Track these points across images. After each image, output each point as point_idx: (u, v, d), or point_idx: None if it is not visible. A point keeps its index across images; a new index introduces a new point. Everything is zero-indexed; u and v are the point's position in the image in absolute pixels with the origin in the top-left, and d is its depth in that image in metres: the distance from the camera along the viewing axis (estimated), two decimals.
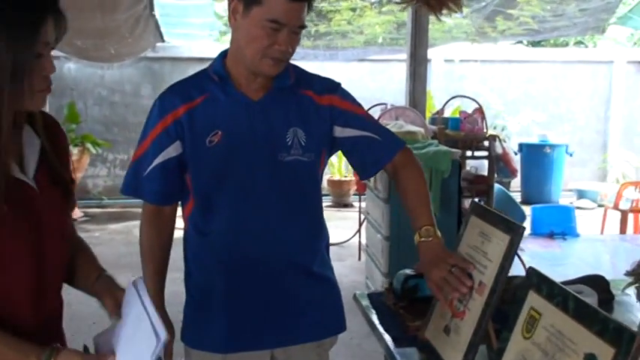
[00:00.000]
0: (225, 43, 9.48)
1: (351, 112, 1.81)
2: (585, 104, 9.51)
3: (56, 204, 1.32)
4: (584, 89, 9.49)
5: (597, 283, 2.02)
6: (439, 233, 1.69)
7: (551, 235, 6.19)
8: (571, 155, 8.47)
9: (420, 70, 5.54)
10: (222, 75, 1.73)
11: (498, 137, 5.14)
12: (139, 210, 1.84)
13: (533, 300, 1.30)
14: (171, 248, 1.85)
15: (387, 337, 1.74)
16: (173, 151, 1.72)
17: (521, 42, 10.21)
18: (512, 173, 5.19)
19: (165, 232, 1.81)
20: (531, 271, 1.34)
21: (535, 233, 6.32)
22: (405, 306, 1.95)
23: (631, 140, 9.63)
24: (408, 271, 2.09)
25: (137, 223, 1.87)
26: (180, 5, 7.00)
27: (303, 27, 1.65)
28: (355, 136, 1.80)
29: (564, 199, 8.49)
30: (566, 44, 11.59)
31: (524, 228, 1.45)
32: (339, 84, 1.85)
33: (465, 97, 5.69)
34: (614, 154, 9.50)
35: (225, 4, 1.73)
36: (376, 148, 1.81)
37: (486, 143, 5.01)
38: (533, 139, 8.58)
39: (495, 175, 5.00)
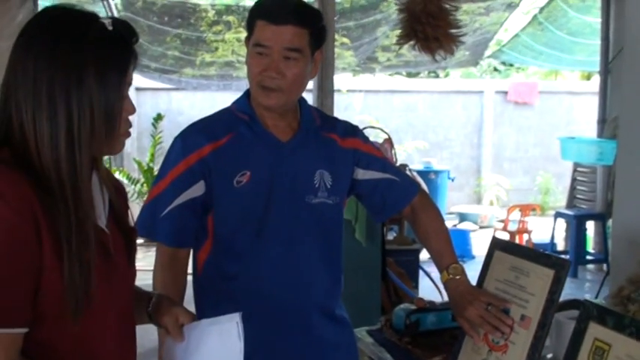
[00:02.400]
0: None
1: (372, 155, 1.83)
2: (460, 132, 10.10)
3: (123, 251, 1.26)
4: (458, 118, 10.08)
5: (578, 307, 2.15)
6: (465, 271, 1.73)
7: None
8: (452, 180, 8.93)
9: (327, 101, 5.64)
10: (250, 114, 1.70)
11: (407, 166, 5.33)
12: None
13: (597, 331, 1.37)
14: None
15: None
16: (196, 191, 1.66)
17: (399, 73, 10.69)
18: None
19: (181, 277, 1.72)
20: (589, 304, 1.42)
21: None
22: (410, 341, 1.99)
23: (501, 165, 10.33)
24: (403, 307, 2.13)
25: None
26: None
27: (297, 50, 1.62)
28: (376, 179, 1.82)
29: (447, 222, 8.88)
30: (437, 75, 12.29)
31: (569, 262, 1.53)
32: (358, 127, 1.87)
33: (374, 127, 5.86)
34: (487, 178, 10.13)
35: None
36: (396, 190, 1.84)
37: None
38: (418, 166, 8.97)
39: None
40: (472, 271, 1.77)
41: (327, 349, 1.77)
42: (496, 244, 1.72)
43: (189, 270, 1.76)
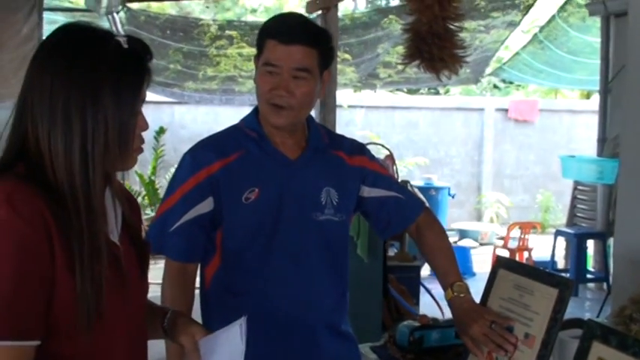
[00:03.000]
0: None
1: (378, 172, 1.85)
2: (461, 149, 10.14)
3: (136, 265, 1.27)
4: (459, 135, 10.12)
5: (582, 325, 2.16)
6: (470, 289, 1.74)
7: None
8: (453, 197, 8.95)
9: (330, 117, 5.67)
10: (258, 131, 1.72)
11: (409, 182, 5.34)
12: None
13: (600, 351, 1.38)
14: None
15: None
16: (205, 207, 1.67)
17: (400, 89, 10.75)
18: None
19: (189, 291, 1.73)
20: (592, 323, 1.43)
21: (435, 274, 6.56)
22: (414, 358, 1.99)
23: (501, 182, 10.36)
24: (406, 323, 2.14)
25: None
26: None
27: (306, 70, 1.64)
28: (382, 197, 1.84)
29: None
30: (437, 92, 12.36)
31: (574, 282, 1.54)
32: (365, 145, 1.89)
33: (376, 144, 5.88)
34: (488, 195, 10.16)
35: None
36: (402, 208, 1.85)
37: None
38: (419, 182, 8.99)
39: None
40: (472, 288, 1.78)
41: None
42: (500, 263, 1.74)
43: (197, 284, 1.77)
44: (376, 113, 9.70)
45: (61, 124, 1.11)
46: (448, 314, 1.78)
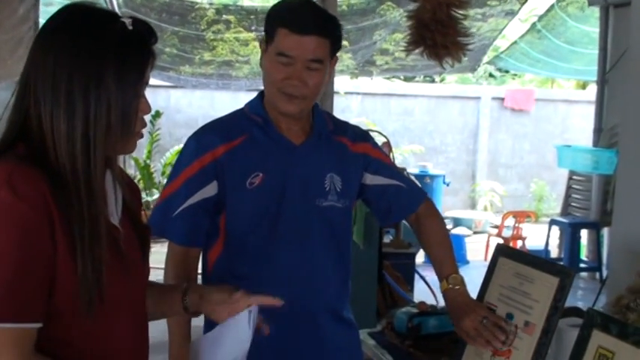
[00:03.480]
0: None
1: (381, 160, 1.85)
2: (457, 137, 10.15)
3: (137, 248, 1.27)
4: (455, 123, 10.12)
5: (580, 314, 2.18)
6: (465, 281, 1.75)
7: None
8: (447, 185, 8.97)
9: (327, 104, 5.65)
10: (263, 116, 1.71)
11: (405, 170, 5.35)
12: None
13: (600, 339, 1.39)
14: None
15: None
16: (209, 191, 1.66)
17: (397, 77, 10.73)
18: None
19: (193, 275, 1.73)
20: (593, 312, 1.44)
21: (429, 261, 6.59)
22: (412, 344, 2.00)
23: (496, 171, 10.38)
24: (404, 310, 2.15)
25: None
26: None
27: (319, 61, 1.64)
28: (384, 184, 1.84)
29: None
30: (433, 80, 12.34)
31: (575, 271, 1.55)
32: (368, 132, 1.89)
33: (373, 130, 5.88)
34: (482, 183, 10.18)
35: None
36: (403, 196, 1.86)
37: None
38: (414, 170, 9.00)
39: None
40: (466, 276, 1.79)
41: (335, 351, 1.78)
42: (501, 251, 1.74)
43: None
44: (372, 100, 9.69)
45: (64, 104, 1.10)
46: (442, 301, 1.80)
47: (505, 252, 1.73)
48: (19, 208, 1.04)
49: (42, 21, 6.13)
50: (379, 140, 5.60)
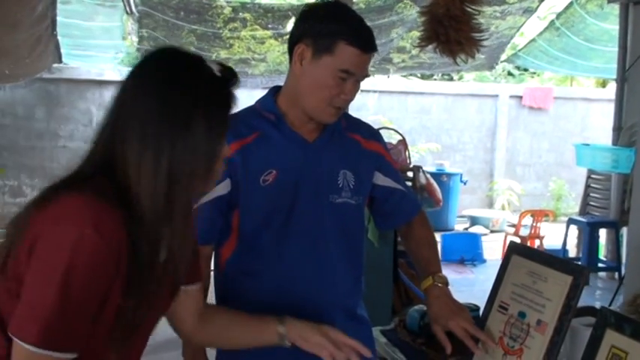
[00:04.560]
0: (130, 66, 9.22)
1: (390, 163, 1.87)
2: (474, 135, 10.08)
3: (170, 284, 1.30)
4: (472, 121, 10.06)
5: (594, 314, 2.15)
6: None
7: (462, 262, 6.49)
8: (465, 183, 8.91)
9: None
10: (276, 113, 1.71)
11: (422, 168, 5.31)
12: None
13: (614, 339, 1.37)
14: None
15: None
16: (222, 189, 1.66)
17: (414, 75, 10.68)
18: (437, 203, 5.39)
19: (205, 273, 1.73)
20: (606, 311, 1.42)
21: (445, 259, 6.59)
22: (424, 342, 1.99)
23: (514, 170, 10.30)
24: (417, 308, 2.13)
25: None
26: (85, 25, 6.73)
27: (367, 76, 1.67)
28: (391, 187, 1.86)
29: (459, 226, 8.91)
30: (451, 78, 12.27)
31: (590, 270, 1.53)
32: (380, 133, 1.90)
33: (389, 129, 5.86)
34: (500, 182, 10.11)
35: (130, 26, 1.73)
36: (406, 202, 1.89)
37: (410, 174, 5.17)
38: (430, 168, 8.96)
39: None
40: (482, 275, 1.79)
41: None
42: (514, 249, 1.72)
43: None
44: (389, 98, 9.65)
45: (152, 147, 1.13)
46: (457, 299, 1.80)
47: (518, 250, 1.71)
48: (98, 248, 1.07)
49: (59, 19, 6.19)
50: (395, 138, 5.59)
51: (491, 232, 8.54)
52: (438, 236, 6.89)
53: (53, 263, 1.05)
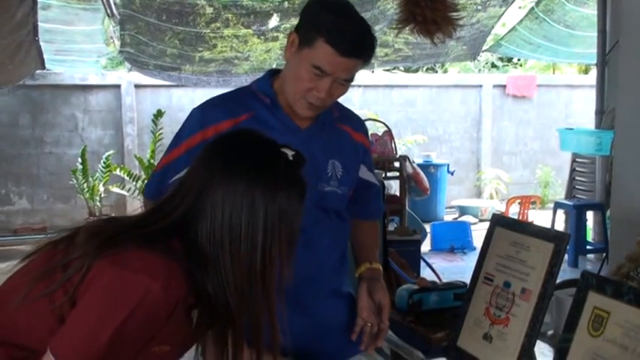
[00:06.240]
0: (113, 70, 9.08)
1: (371, 158, 1.89)
2: (460, 126, 10.13)
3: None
4: (457, 112, 10.11)
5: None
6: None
7: (452, 250, 6.55)
8: (452, 174, 8.96)
9: None
10: (271, 97, 1.72)
11: (408, 158, 5.36)
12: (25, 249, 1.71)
13: (596, 300, 1.41)
14: None
15: (419, 353, 1.79)
16: None
17: (397, 68, 10.71)
18: (424, 191, 5.43)
19: None
20: (588, 275, 1.45)
21: (436, 248, 6.64)
22: (413, 320, 2.02)
23: (500, 159, 10.36)
24: (405, 287, 2.16)
25: None
26: (67, 30, 6.71)
27: (351, 79, 1.65)
28: (369, 182, 1.90)
29: (448, 216, 8.96)
30: (435, 70, 12.33)
31: (569, 235, 1.56)
32: (366, 126, 1.94)
33: (376, 120, 5.90)
34: (487, 172, 10.17)
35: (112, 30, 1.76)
36: (377, 200, 1.97)
37: (397, 164, 5.21)
38: (418, 160, 9.00)
39: (407, 195, 5.23)
40: (472, 262, 1.81)
41: (334, 327, 1.81)
42: (497, 221, 1.76)
43: None
44: (374, 92, 9.68)
45: (244, 236, 1.22)
46: (444, 279, 1.83)
47: (501, 222, 1.75)
48: (160, 305, 1.12)
49: (40, 24, 6.16)
50: (381, 130, 5.63)
51: (480, 221, 8.59)
52: (427, 226, 6.98)
53: (115, 306, 1.10)
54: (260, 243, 1.21)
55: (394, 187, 5.51)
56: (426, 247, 6.32)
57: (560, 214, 6.72)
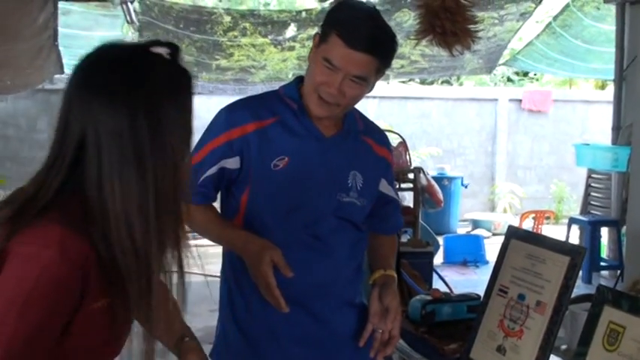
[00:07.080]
0: None
1: (392, 173, 1.88)
2: (474, 139, 10.12)
3: None
4: (472, 125, 10.10)
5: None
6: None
7: (464, 263, 6.53)
8: (466, 187, 8.94)
9: None
10: (298, 102, 1.72)
11: (422, 169, 5.35)
12: None
13: (611, 315, 1.40)
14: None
15: None
16: (232, 164, 1.70)
17: (413, 80, 10.73)
18: (438, 203, 5.42)
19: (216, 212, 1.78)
20: (603, 289, 1.45)
21: (448, 261, 6.62)
22: (426, 331, 2.01)
23: (515, 173, 10.33)
24: (418, 298, 2.16)
25: None
26: (86, 35, 6.78)
27: (364, 78, 1.62)
28: (389, 196, 1.90)
29: (461, 229, 8.94)
30: (450, 83, 12.33)
31: (585, 249, 1.55)
32: (389, 140, 1.94)
33: (390, 131, 5.89)
34: (501, 186, 10.13)
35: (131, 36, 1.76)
36: (396, 215, 1.96)
37: (411, 176, 5.20)
38: (432, 173, 8.98)
39: (421, 206, 5.21)
40: (485, 275, 1.80)
41: (346, 337, 1.80)
42: (513, 233, 1.75)
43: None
44: (389, 104, 9.69)
45: (135, 167, 1.09)
46: (456, 291, 1.83)
47: (516, 234, 1.74)
48: (61, 271, 1.05)
49: (60, 30, 6.23)
50: (395, 141, 5.63)
51: (494, 234, 8.56)
52: (440, 239, 6.96)
53: (17, 286, 1.04)
54: (151, 168, 1.09)
55: (407, 199, 5.50)
56: (438, 259, 6.32)
57: (575, 230, 6.68)
